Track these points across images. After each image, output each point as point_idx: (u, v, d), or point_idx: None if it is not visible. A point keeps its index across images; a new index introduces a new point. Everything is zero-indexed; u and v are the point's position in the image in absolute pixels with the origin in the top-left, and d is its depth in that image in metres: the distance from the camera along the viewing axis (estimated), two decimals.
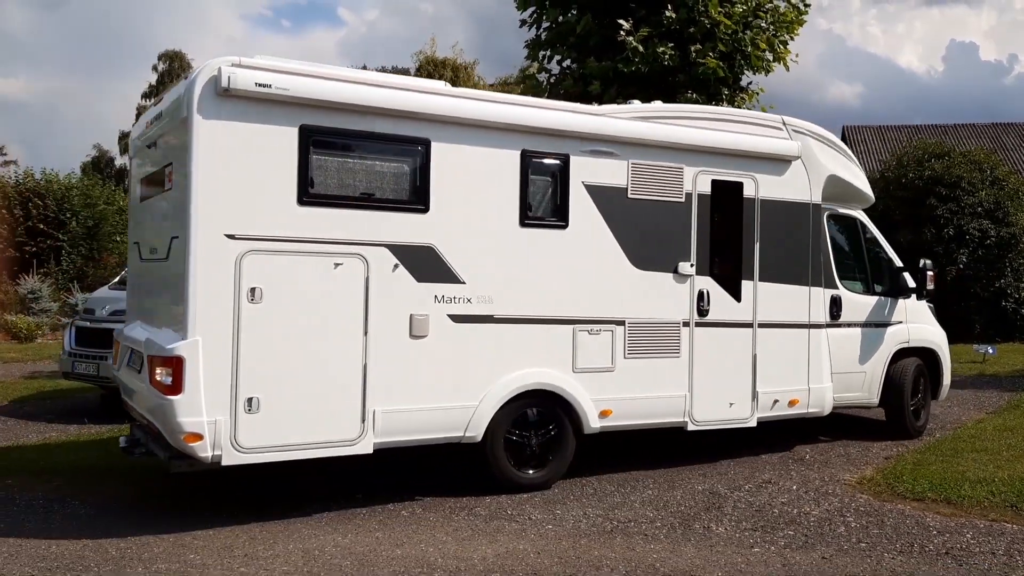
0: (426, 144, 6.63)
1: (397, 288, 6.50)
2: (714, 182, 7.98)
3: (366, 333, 6.36)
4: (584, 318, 7.32)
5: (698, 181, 7.88)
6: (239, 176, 5.94)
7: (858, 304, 9.21)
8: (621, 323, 7.49)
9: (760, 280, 8.24)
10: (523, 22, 15.84)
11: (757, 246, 8.23)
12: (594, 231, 7.38)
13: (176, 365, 5.72)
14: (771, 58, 15.04)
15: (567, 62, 15.31)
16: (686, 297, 7.84)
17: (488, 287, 6.89)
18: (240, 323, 5.90)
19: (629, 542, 5.94)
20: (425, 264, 6.62)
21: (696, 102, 14.73)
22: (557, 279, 7.20)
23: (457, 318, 6.76)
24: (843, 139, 35.73)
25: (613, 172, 7.47)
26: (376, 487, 7.24)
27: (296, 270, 6.12)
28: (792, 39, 15.39)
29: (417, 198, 6.62)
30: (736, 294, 8.14)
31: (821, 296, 8.68)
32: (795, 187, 8.48)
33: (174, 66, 47.88)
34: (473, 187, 6.85)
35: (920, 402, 9.71)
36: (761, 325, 8.24)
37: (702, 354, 7.89)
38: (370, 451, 6.37)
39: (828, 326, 8.79)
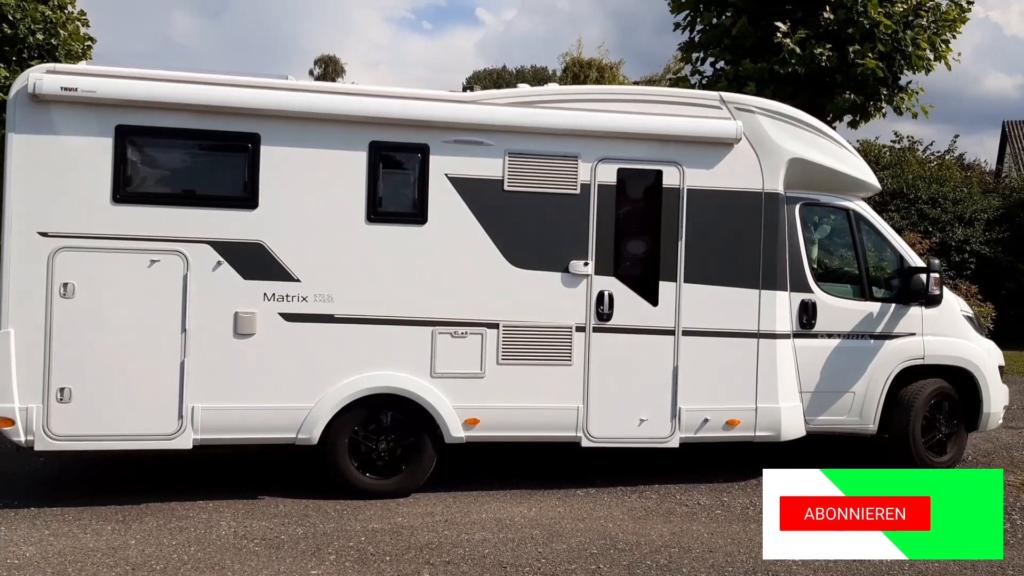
0: (255, 140, 6.55)
1: (220, 285, 6.47)
2: (621, 171, 7.15)
3: (184, 330, 6.41)
4: (446, 319, 6.83)
5: (599, 171, 7.08)
6: (53, 176, 6.26)
7: (844, 311, 7.74)
8: (494, 326, 6.90)
9: (686, 281, 7.20)
10: (677, 25, 16.22)
11: (682, 243, 7.20)
12: (461, 227, 6.87)
13: None
14: (932, 57, 14.85)
15: (721, 64, 15.59)
16: (581, 299, 7.06)
17: (327, 285, 6.65)
18: (52, 317, 6.22)
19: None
20: (253, 261, 6.54)
21: (854, 104, 14.74)
22: (413, 278, 6.80)
23: (290, 317, 6.59)
24: (1002, 136, 31.65)
25: (485, 163, 6.91)
26: (548, 469, 7.84)
27: (109, 266, 6.32)
28: (954, 37, 15.12)
29: (244, 195, 6.56)
30: (652, 297, 7.20)
31: (783, 300, 7.45)
32: (739, 174, 7.30)
33: (329, 70, 50.18)
34: (311, 182, 6.67)
35: (943, 434, 7.99)
36: (686, 333, 7.21)
37: (602, 363, 7.06)
38: (189, 447, 6.44)
39: (798, 336, 7.53)
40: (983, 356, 8.08)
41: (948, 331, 8.00)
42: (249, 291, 6.53)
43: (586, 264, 7.03)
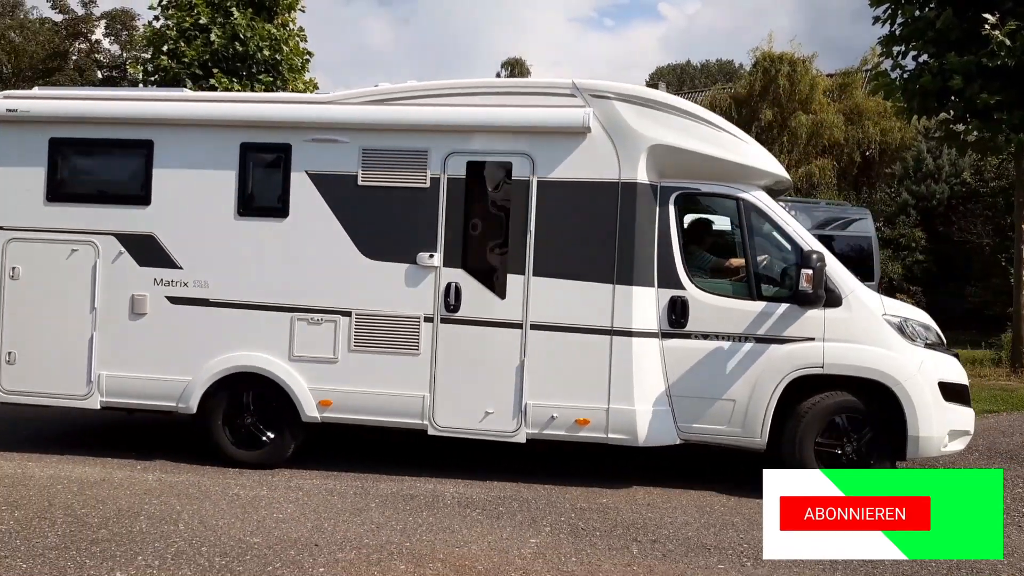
0: (149, 145, 7.66)
1: (121, 271, 7.64)
2: (471, 164, 7.28)
3: (94, 309, 7.66)
4: (304, 307, 7.41)
5: (448, 164, 7.27)
6: (7, 180, 7.80)
7: (722, 310, 7.09)
8: (347, 314, 7.35)
9: (535, 275, 7.13)
10: (876, 19, 15.77)
11: (531, 235, 7.15)
12: (318, 220, 7.40)
13: None
14: None
15: (924, 58, 15.07)
16: (429, 290, 7.27)
17: (204, 273, 7.56)
18: (4, 295, 7.75)
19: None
20: (146, 251, 7.63)
21: None
22: (276, 268, 7.46)
23: (174, 300, 7.59)
24: None
25: (341, 159, 7.39)
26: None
27: (44, 254, 7.74)
28: None
29: (141, 193, 7.67)
30: (500, 290, 7.22)
31: (644, 296, 7.08)
32: (593, 164, 7.11)
33: (515, 72, 51.53)
34: (193, 181, 7.62)
35: (847, 457, 6.93)
36: (534, 327, 7.13)
37: (449, 354, 7.24)
38: (97, 407, 7.65)
39: (667, 335, 7.10)
40: (906, 368, 6.87)
41: (860, 337, 6.93)
42: (143, 276, 7.64)
43: (432, 256, 7.25)
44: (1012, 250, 16.66)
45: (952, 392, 7.04)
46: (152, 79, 18.86)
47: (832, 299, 6.92)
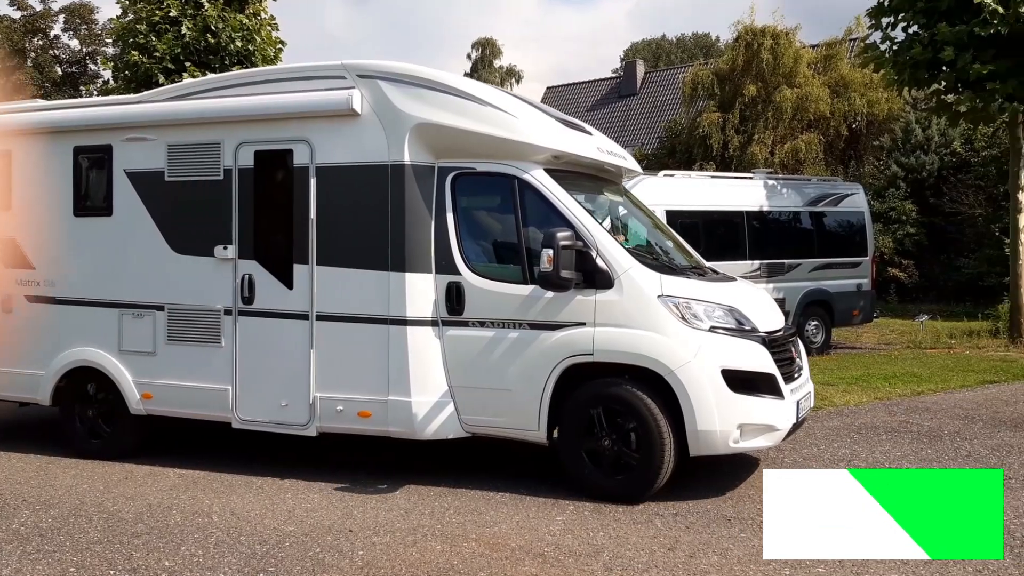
0: (7, 154, 8.42)
1: None
2: (258, 154, 7.51)
3: None
4: (128, 302, 7.94)
5: (239, 155, 7.54)
6: None
7: (495, 295, 6.90)
8: (161, 308, 7.82)
9: (319, 264, 7.22)
10: None
11: (312, 223, 7.24)
12: (135, 217, 7.94)
13: None
14: None
15: (914, 28, 15.43)
16: (228, 283, 7.54)
17: (52, 272, 8.26)
18: None
19: (1013, 493, 6.73)
20: (10, 253, 8.41)
21: None
22: (105, 265, 8.06)
23: (31, 298, 8.34)
24: None
25: (150, 157, 7.90)
26: None
27: None
28: None
29: (5, 200, 8.45)
30: (288, 281, 7.35)
31: (419, 283, 6.99)
32: (365, 147, 7.12)
33: (486, 52, 51.84)
34: (40, 185, 8.34)
35: (611, 449, 6.59)
36: (320, 317, 7.22)
37: (248, 346, 7.48)
38: None
39: (447, 323, 7.00)
40: (678, 354, 6.42)
41: (632, 321, 6.54)
42: (11, 277, 8.41)
43: (226, 248, 7.56)
44: (1007, 220, 17.10)
45: (742, 381, 6.48)
46: (122, 75, 19.01)
47: (603, 280, 6.61)
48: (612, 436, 6.60)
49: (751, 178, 16.70)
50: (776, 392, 6.63)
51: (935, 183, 25.91)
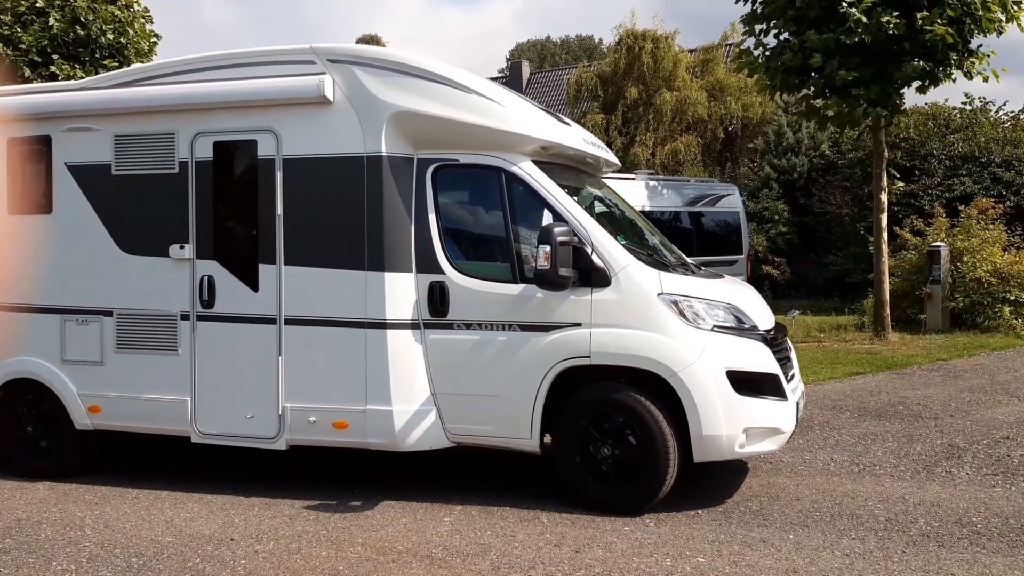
0: None
1: None
2: (217, 145, 6.99)
3: None
4: (72, 307, 7.32)
5: (196, 146, 7.01)
6: None
7: (483, 295, 6.51)
8: (110, 313, 7.22)
9: (286, 264, 6.76)
10: None
11: (279, 220, 6.78)
12: (78, 214, 7.30)
13: None
14: (1004, 18, 15.16)
15: (785, 35, 16.05)
16: (185, 285, 7.01)
17: None
18: None
19: (877, 480, 7.14)
20: None
21: (923, 71, 15.12)
22: (45, 267, 7.40)
23: None
24: None
25: (95, 148, 7.28)
26: None
27: None
28: None
29: None
30: (253, 282, 6.88)
31: (399, 283, 6.58)
32: (338, 137, 6.68)
33: None
34: None
35: (611, 459, 6.27)
36: (289, 321, 6.75)
37: (207, 353, 6.96)
38: None
39: (430, 326, 6.59)
40: (681, 355, 6.11)
41: (632, 321, 6.22)
42: None
43: (183, 248, 7.01)
44: (871, 219, 17.92)
45: (747, 383, 6.21)
46: None
47: (600, 278, 6.28)
48: (611, 444, 6.27)
49: (633, 179, 17.06)
50: (780, 393, 6.39)
51: (805, 184, 26.97)
